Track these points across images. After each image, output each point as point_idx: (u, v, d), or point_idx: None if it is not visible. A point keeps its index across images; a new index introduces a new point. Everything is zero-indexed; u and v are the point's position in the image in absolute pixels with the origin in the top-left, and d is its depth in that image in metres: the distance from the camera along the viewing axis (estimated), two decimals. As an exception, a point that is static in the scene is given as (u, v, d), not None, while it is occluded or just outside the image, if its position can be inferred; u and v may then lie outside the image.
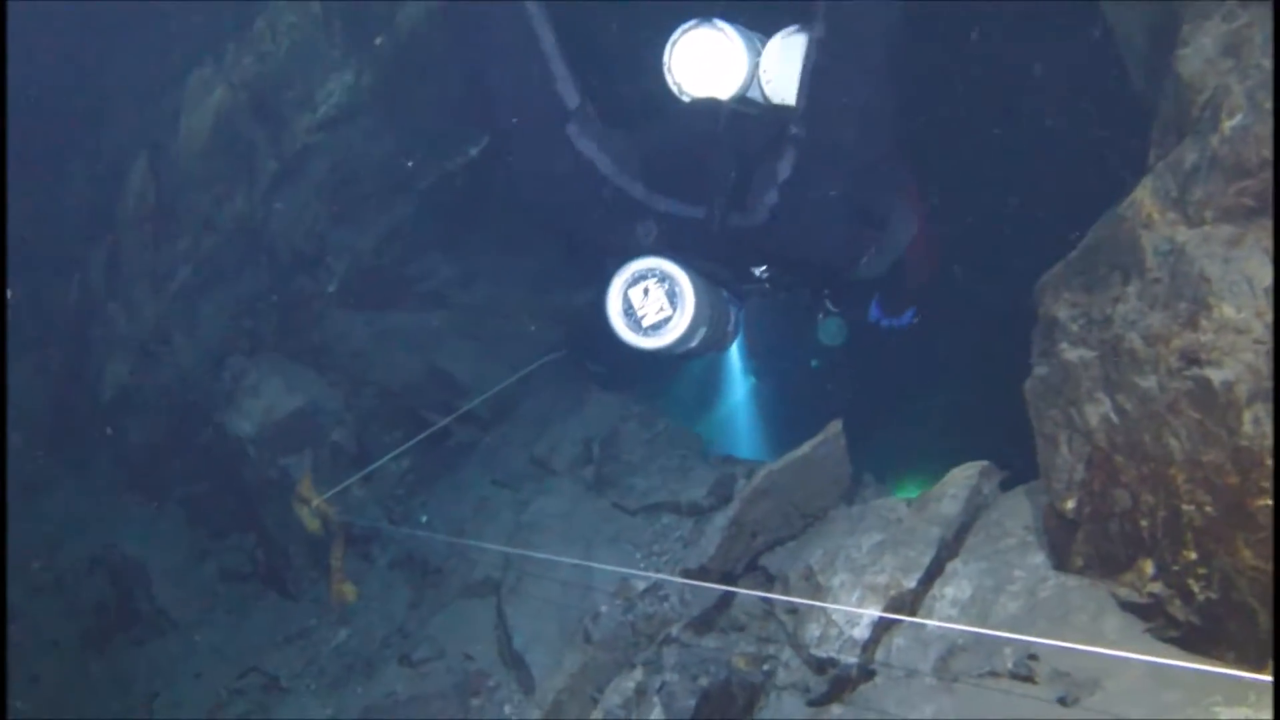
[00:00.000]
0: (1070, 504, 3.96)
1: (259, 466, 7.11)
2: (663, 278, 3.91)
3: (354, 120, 8.13)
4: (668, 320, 3.92)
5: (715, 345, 4.31)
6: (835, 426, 5.37)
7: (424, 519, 7.30)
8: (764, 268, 4.37)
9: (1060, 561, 4.14)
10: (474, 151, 8.67)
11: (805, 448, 5.33)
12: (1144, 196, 3.52)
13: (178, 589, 7.92)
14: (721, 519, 5.31)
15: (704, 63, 4.08)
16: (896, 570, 4.53)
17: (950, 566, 4.51)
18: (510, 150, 4.19)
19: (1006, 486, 4.93)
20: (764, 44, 4.11)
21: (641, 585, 5.35)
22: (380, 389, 8.03)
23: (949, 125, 5.61)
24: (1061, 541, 4.12)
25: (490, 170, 8.40)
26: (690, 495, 6.22)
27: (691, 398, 10.75)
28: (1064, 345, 3.91)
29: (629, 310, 3.96)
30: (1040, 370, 4.08)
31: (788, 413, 10.20)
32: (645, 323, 3.97)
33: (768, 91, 4.10)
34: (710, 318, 4.01)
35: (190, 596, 7.82)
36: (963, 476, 4.91)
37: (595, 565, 5.12)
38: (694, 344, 4.02)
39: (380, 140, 8.19)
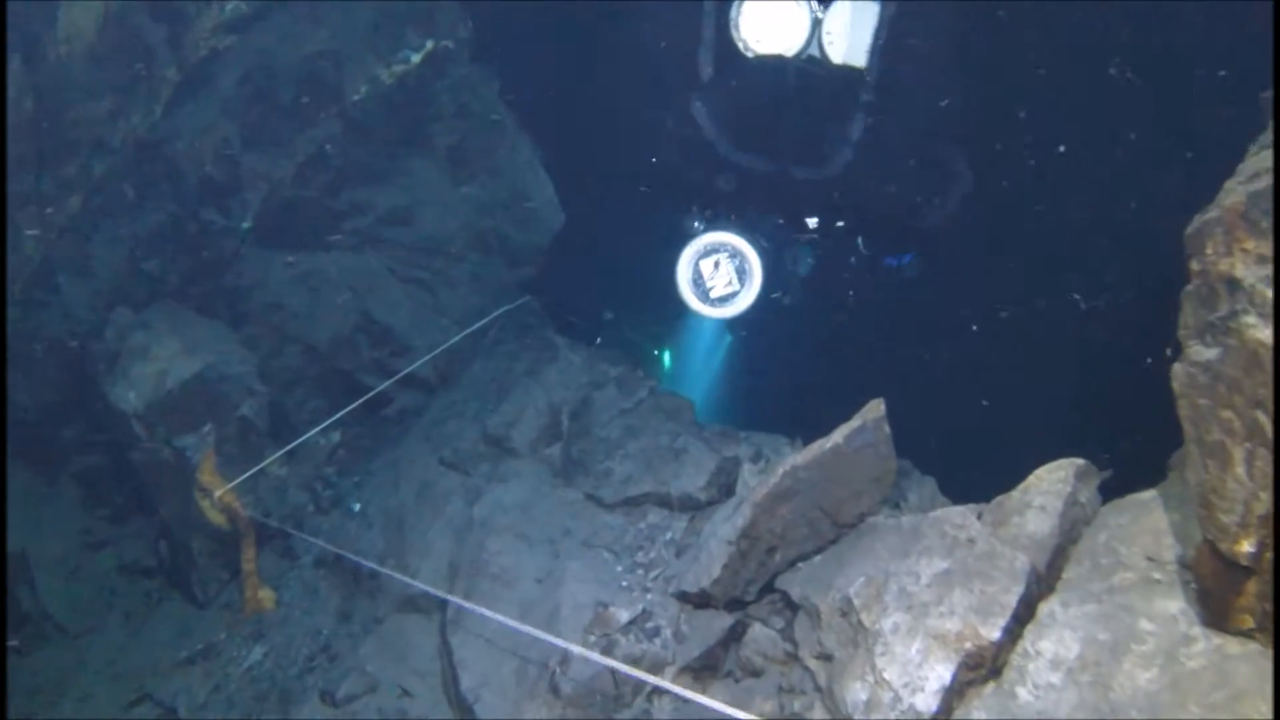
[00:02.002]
0: (1246, 546, 2.80)
1: (148, 447, 5.84)
2: (734, 254, 4.47)
3: (268, 18, 6.92)
4: (735, 295, 4.49)
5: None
6: (876, 407, 4.18)
7: (356, 507, 6.09)
8: (817, 220, 4.82)
9: (1215, 617, 3.00)
10: (416, 58, 7.32)
11: (837, 435, 4.14)
12: None
13: (67, 586, 6.68)
14: (729, 529, 4.12)
15: (769, 21, 4.44)
16: (971, 613, 3.40)
17: (1045, 609, 3.39)
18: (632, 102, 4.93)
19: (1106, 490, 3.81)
20: (823, 5, 4.41)
21: (625, 614, 4.18)
22: (304, 346, 6.81)
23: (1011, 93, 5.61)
24: (1220, 590, 2.97)
25: (435, 79, 7.08)
26: (683, 485, 5.06)
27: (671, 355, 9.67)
28: (1249, 319, 2.69)
29: (698, 280, 4.46)
30: (1203, 353, 2.87)
31: (772, 360, 9.13)
32: (713, 294, 4.49)
33: (829, 52, 4.41)
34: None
35: (81, 596, 6.57)
36: (1052, 479, 3.77)
37: (549, 634, 3.89)
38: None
39: (301, 43, 6.92)
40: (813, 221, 4.89)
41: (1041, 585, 3.47)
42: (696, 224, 5.00)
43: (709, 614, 4.24)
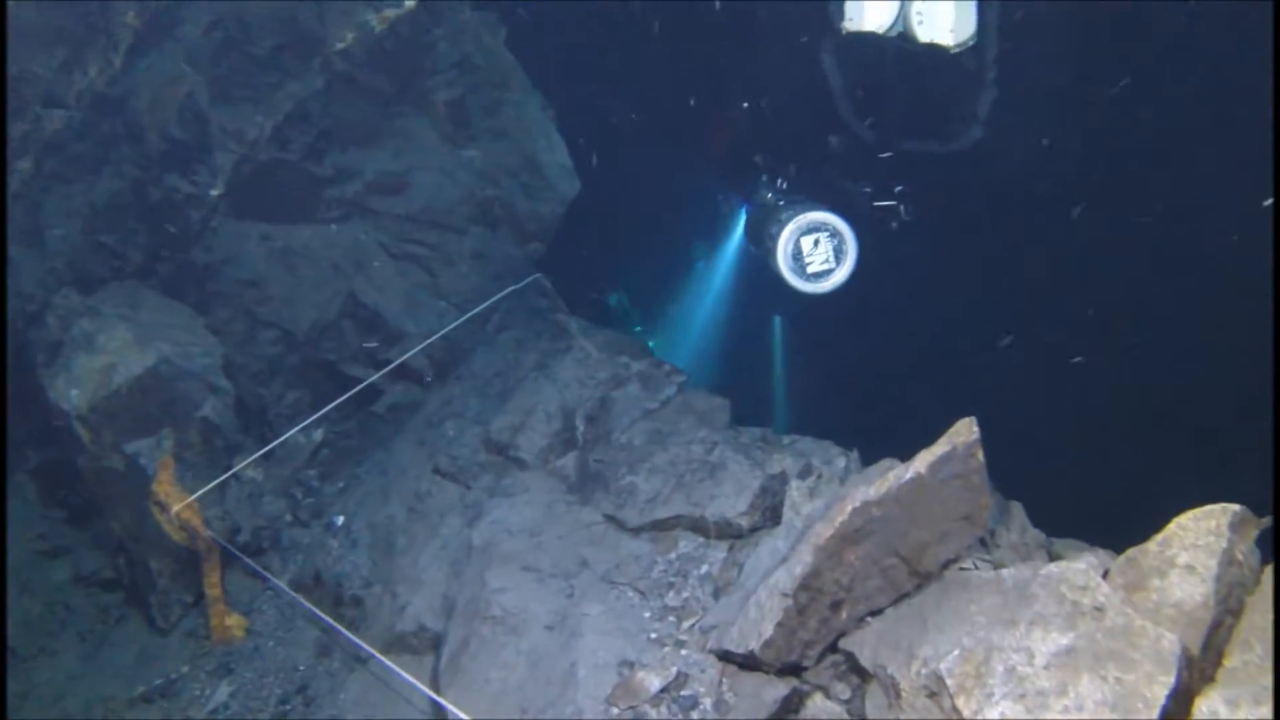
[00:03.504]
0: None
1: (94, 454, 5.14)
2: (833, 233, 4.70)
3: (240, -46, 6.13)
4: (830, 272, 4.71)
5: None
6: (968, 428, 3.47)
7: (339, 520, 5.41)
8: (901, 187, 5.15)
9: None
10: (409, 1, 6.55)
11: (919, 463, 3.42)
12: None
13: (18, 600, 6.02)
14: (784, 577, 3.41)
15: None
16: (1105, 709, 2.69)
17: (1204, 707, 2.66)
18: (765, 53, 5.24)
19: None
20: None
21: (655, 680, 3.48)
22: (282, 332, 6.13)
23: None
24: None
25: (432, 26, 6.34)
26: (720, 508, 4.36)
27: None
28: None
29: (797, 254, 4.67)
30: None
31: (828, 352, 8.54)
32: (810, 270, 4.68)
33: (918, 31, 4.64)
34: None
35: (33, 612, 5.91)
36: (1200, 530, 3.07)
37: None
38: None
39: (278, -17, 6.14)
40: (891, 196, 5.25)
41: (1195, 673, 2.76)
42: (769, 194, 5.42)
43: (758, 679, 3.55)
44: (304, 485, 5.83)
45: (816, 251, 4.79)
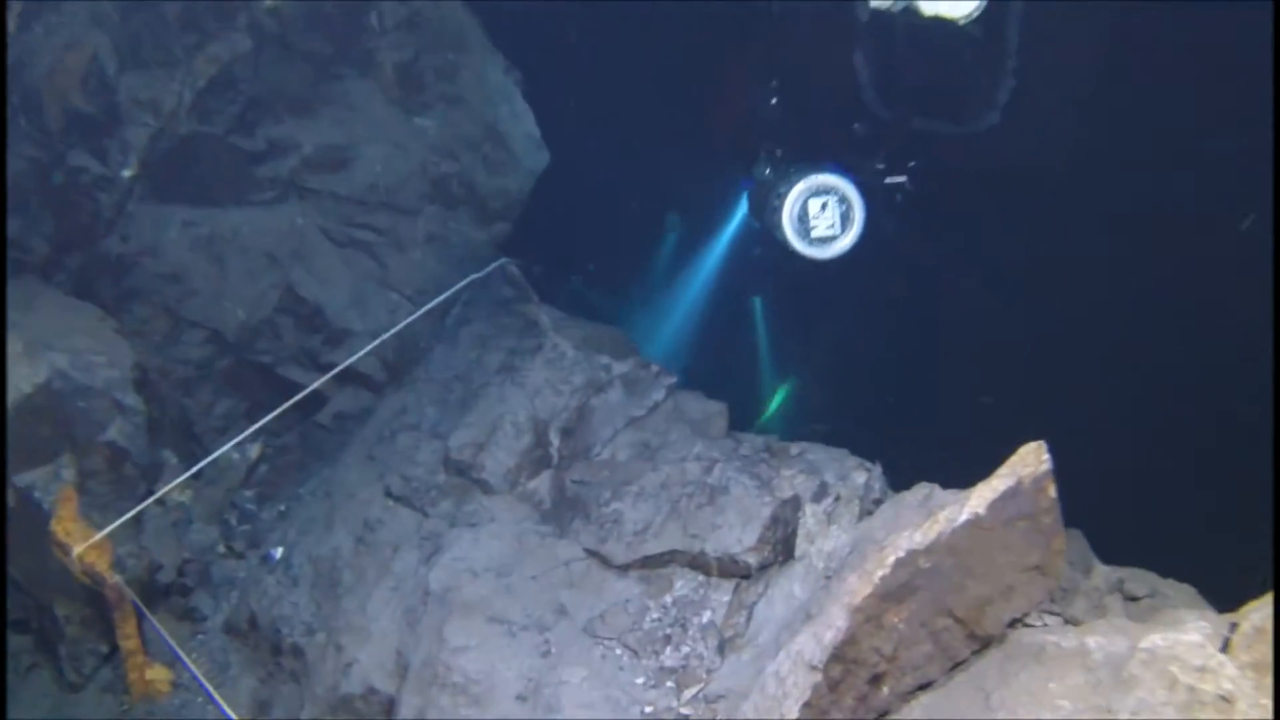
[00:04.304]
0: None
1: (-22, 486, 4.43)
2: (841, 199, 4.65)
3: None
4: (834, 239, 4.67)
5: None
6: (1036, 455, 2.84)
7: (278, 553, 4.74)
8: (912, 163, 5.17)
9: None
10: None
11: (976, 503, 2.80)
12: None
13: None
14: (810, 645, 2.78)
15: None
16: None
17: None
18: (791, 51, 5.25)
19: None
20: None
21: (654, 771, 2.84)
22: (209, 333, 5.45)
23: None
24: None
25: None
26: (723, 541, 3.74)
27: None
28: None
29: (803, 216, 4.63)
30: None
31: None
32: (814, 234, 4.65)
33: (922, 6, 4.50)
34: None
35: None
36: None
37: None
38: None
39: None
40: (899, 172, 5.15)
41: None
42: (768, 169, 5.27)
43: (780, 769, 2.90)
44: (239, 509, 5.16)
45: (823, 215, 4.71)
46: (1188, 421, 5.99)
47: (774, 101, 5.36)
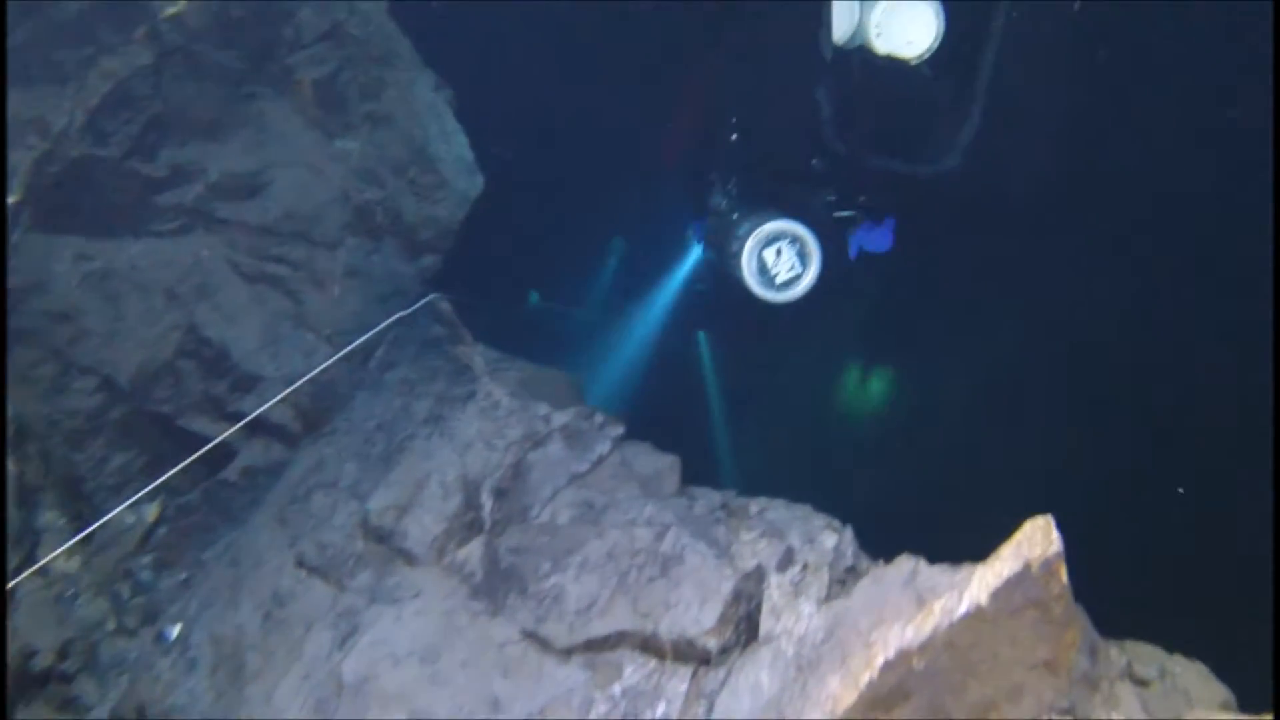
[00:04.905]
0: None
1: None
2: (793, 240, 4.70)
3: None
4: (797, 279, 4.71)
5: None
6: (1045, 534, 2.46)
7: (174, 632, 4.23)
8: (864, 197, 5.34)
9: None
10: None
11: (978, 590, 2.43)
12: None
13: None
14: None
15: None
16: None
17: None
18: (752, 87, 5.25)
19: None
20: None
21: None
22: (101, 379, 4.90)
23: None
24: None
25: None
26: (679, 620, 3.31)
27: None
28: None
29: (763, 269, 4.69)
30: None
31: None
32: (778, 280, 4.71)
33: (877, 44, 4.81)
34: None
35: None
36: None
37: None
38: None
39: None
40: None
41: None
42: (723, 201, 5.32)
43: None
44: (133, 578, 4.62)
45: (780, 261, 4.76)
46: (1174, 467, 5.79)
47: (734, 138, 5.37)
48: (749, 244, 4.66)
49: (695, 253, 6.43)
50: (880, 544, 3.93)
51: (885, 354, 7.28)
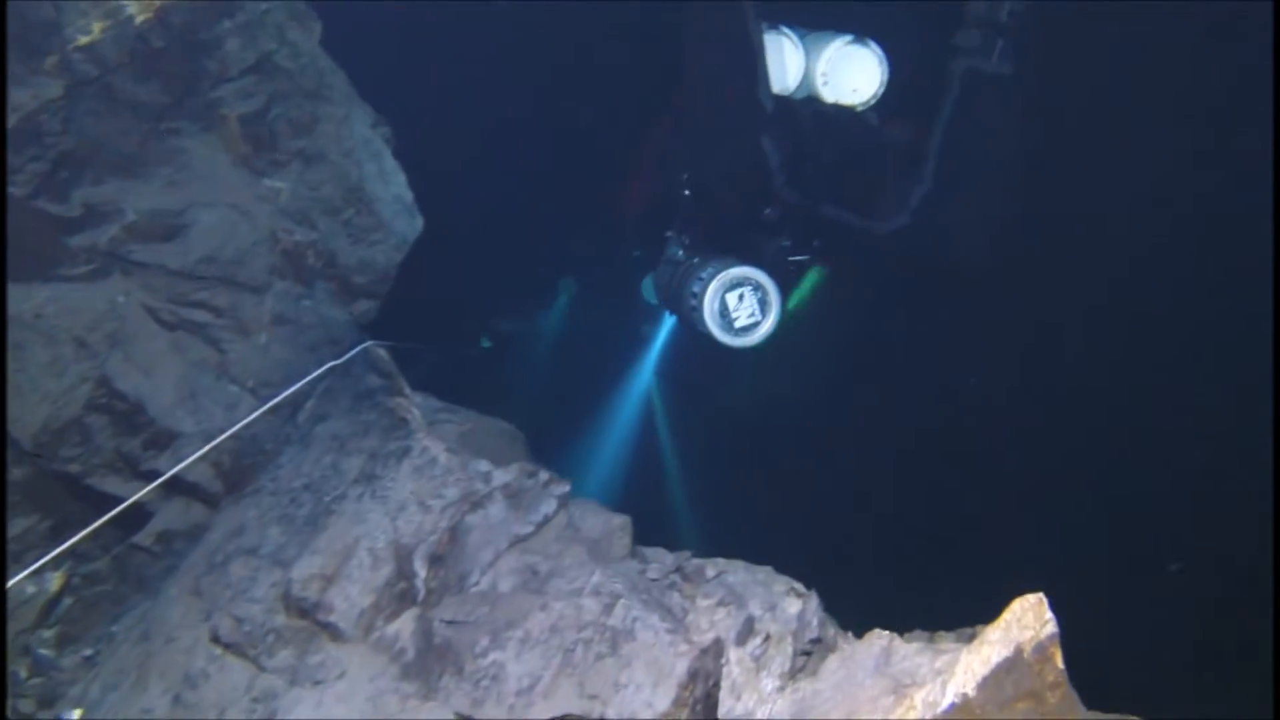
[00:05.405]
0: None
1: None
2: (756, 287, 4.83)
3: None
4: (757, 324, 4.85)
5: None
6: (1037, 614, 2.25)
7: (74, 717, 3.83)
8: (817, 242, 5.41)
9: None
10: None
11: (964, 677, 2.23)
12: None
13: None
14: None
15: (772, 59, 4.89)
16: None
17: None
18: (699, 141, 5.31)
19: None
20: (801, 42, 4.99)
21: None
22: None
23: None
24: None
25: (220, 16, 4.95)
26: (629, 703, 3.04)
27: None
28: None
29: (724, 312, 4.79)
30: None
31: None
32: (738, 325, 4.82)
33: (823, 92, 4.98)
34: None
35: None
36: None
37: None
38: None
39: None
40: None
41: None
42: (678, 251, 5.37)
43: None
44: (31, 656, 4.24)
45: (742, 306, 4.81)
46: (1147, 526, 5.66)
47: (686, 193, 5.48)
48: (713, 285, 4.78)
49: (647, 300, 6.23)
50: (844, 599, 3.71)
51: (846, 400, 7.09)
